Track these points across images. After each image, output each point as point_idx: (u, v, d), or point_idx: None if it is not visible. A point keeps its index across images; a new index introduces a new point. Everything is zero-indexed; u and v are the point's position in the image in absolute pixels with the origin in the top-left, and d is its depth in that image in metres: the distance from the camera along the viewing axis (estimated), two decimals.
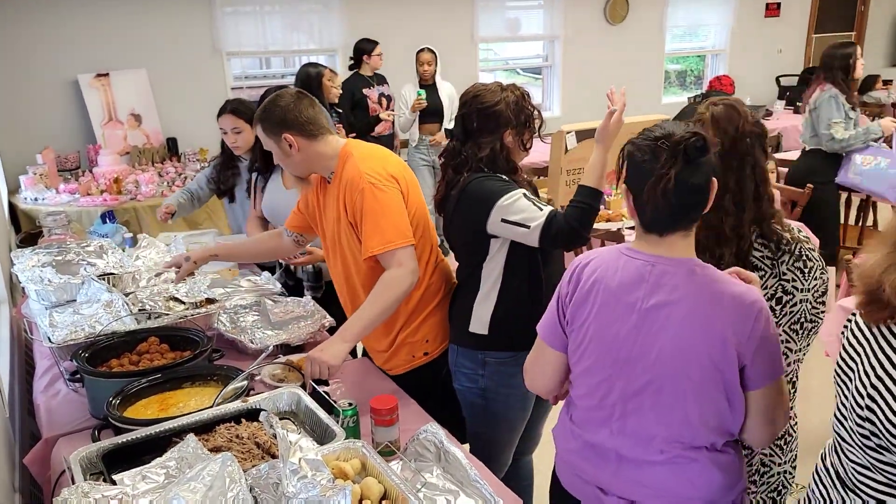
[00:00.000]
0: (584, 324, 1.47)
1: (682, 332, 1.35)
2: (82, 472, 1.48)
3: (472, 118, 1.97)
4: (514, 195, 1.89)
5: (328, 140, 2.08)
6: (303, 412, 1.74)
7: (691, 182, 1.33)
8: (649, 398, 1.39)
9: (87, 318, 2.14)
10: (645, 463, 1.43)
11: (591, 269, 1.48)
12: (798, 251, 1.63)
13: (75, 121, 5.59)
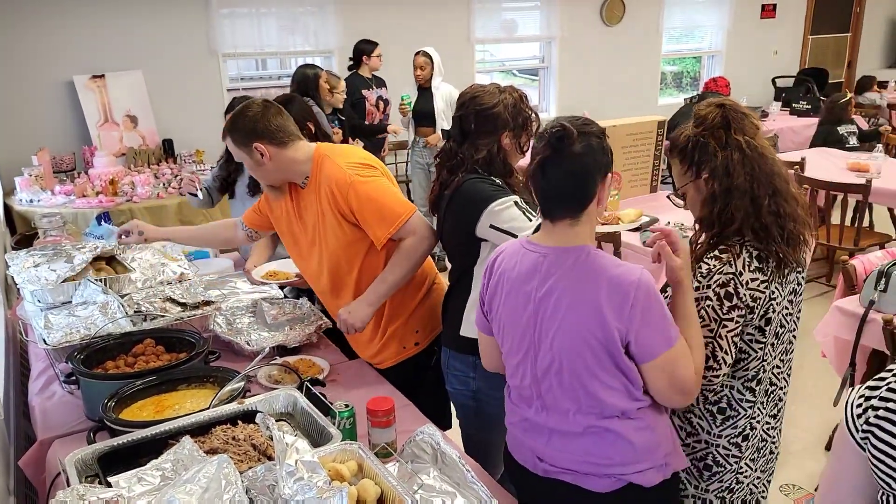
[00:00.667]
0: (497, 312, 1.61)
1: (569, 317, 1.46)
2: (78, 475, 1.47)
3: (469, 119, 1.96)
4: (506, 202, 1.88)
5: (299, 146, 2.11)
6: (299, 414, 1.74)
7: (561, 169, 1.45)
8: (555, 378, 1.51)
9: (82, 319, 2.13)
10: (570, 434, 1.53)
11: (499, 262, 1.62)
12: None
13: (71, 122, 5.58)
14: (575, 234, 1.49)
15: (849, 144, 5.73)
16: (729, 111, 1.61)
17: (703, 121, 1.63)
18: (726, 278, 1.54)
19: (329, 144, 2.21)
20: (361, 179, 2.03)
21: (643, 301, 1.41)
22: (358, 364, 2.28)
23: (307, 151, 2.12)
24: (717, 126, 1.61)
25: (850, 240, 4.52)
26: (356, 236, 2.10)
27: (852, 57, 9.94)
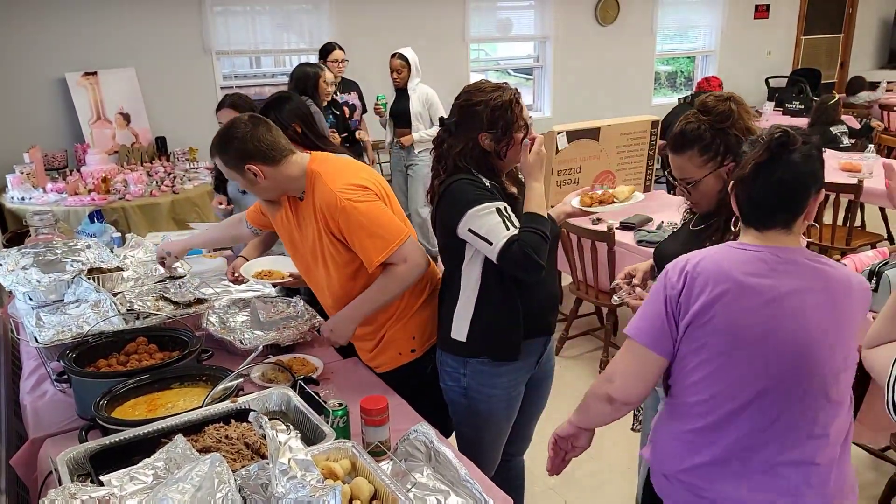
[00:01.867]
0: (709, 322, 1.38)
1: (823, 317, 1.37)
2: (69, 473, 1.46)
3: (454, 111, 1.98)
4: (488, 208, 1.87)
5: (292, 161, 2.05)
6: (292, 412, 1.73)
7: (776, 176, 1.36)
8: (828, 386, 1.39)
9: (74, 318, 2.12)
10: (838, 461, 1.41)
11: (707, 265, 1.41)
12: None
13: (63, 119, 5.55)
14: (788, 242, 1.40)
15: (843, 144, 5.76)
16: (737, 103, 1.74)
17: (714, 111, 1.73)
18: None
19: (322, 158, 2.13)
20: (352, 204, 1.97)
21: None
22: (352, 363, 2.28)
23: (301, 165, 2.06)
24: (729, 116, 1.72)
25: (841, 239, 4.54)
26: (351, 256, 2.06)
27: (845, 57, 9.98)
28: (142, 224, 4.58)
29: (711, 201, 1.79)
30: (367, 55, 5.89)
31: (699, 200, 1.82)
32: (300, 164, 2.07)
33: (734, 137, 1.71)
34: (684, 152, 1.77)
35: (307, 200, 2.08)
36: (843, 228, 4.58)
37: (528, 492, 2.56)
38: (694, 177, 1.77)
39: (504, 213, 1.87)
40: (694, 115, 1.77)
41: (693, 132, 1.75)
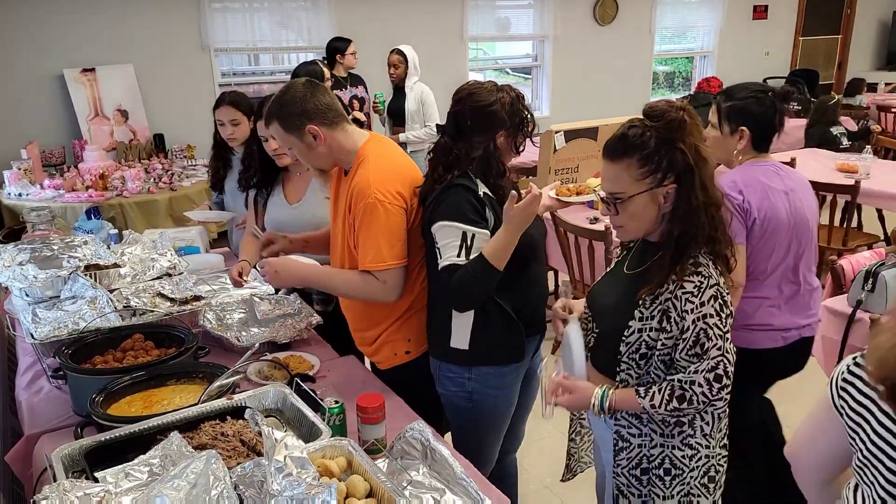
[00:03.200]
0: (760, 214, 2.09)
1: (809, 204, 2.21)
2: (64, 470, 1.46)
3: (465, 116, 1.92)
4: (460, 228, 1.84)
5: (348, 131, 2.03)
6: (288, 410, 1.73)
7: (777, 116, 2.21)
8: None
9: (70, 314, 2.11)
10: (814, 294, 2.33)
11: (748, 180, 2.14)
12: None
13: (61, 116, 5.54)
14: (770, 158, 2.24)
15: (843, 145, 5.78)
16: (691, 115, 1.51)
17: (664, 117, 1.50)
18: (714, 291, 1.52)
19: (379, 146, 2.07)
20: (380, 205, 1.93)
21: None
22: (348, 361, 2.28)
23: (355, 141, 2.03)
24: (680, 127, 1.50)
25: (838, 240, 4.54)
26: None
27: (843, 58, 10.00)
28: (139, 221, 4.57)
29: (639, 228, 1.59)
30: (365, 54, 5.88)
31: (625, 224, 1.59)
32: (355, 138, 2.04)
33: (680, 154, 1.49)
34: (622, 159, 1.53)
35: (348, 179, 2.05)
36: (840, 229, 4.58)
37: (524, 490, 2.56)
38: (626, 192, 1.53)
39: (468, 241, 1.85)
40: (640, 119, 1.54)
41: (636, 137, 1.51)
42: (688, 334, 1.51)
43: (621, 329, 1.59)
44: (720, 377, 1.51)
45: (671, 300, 1.52)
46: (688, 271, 1.51)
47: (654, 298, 1.54)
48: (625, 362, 1.61)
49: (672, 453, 1.63)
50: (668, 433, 1.63)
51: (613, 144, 1.55)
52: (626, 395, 1.60)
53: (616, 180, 1.54)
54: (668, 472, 1.64)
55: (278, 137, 2.04)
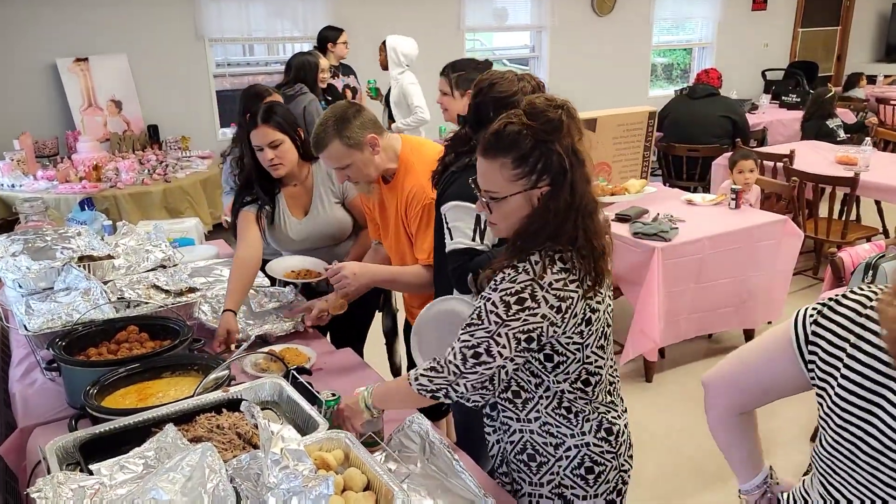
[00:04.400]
0: None
1: None
2: (58, 462, 1.44)
3: (487, 107, 1.88)
4: (473, 209, 1.80)
5: (388, 137, 2.15)
6: (285, 402, 1.71)
7: None
8: None
9: (64, 306, 2.09)
10: None
11: None
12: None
13: (54, 106, 5.50)
14: None
15: (840, 138, 5.77)
16: (570, 115, 1.42)
17: (542, 116, 1.39)
18: (518, 286, 1.40)
19: (416, 146, 2.21)
20: (432, 206, 2.06)
21: None
22: (345, 353, 2.26)
23: (395, 147, 2.17)
24: (558, 128, 1.40)
25: (837, 233, 4.54)
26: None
27: (842, 50, 9.98)
28: (133, 212, 4.54)
29: (511, 227, 1.47)
30: (359, 43, 5.84)
31: (499, 222, 1.48)
32: (394, 144, 2.17)
33: (556, 157, 1.39)
34: (496, 158, 1.41)
35: (394, 185, 2.17)
36: (839, 222, 4.58)
37: None
38: (500, 191, 1.43)
39: (482, 224, 1.84)
40: (518, 115, 1.42)
41: (511, 136, 1.40)
42: (472, 311, 1.46)
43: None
44: (478, 354, 1.43)
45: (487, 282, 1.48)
46: (509, 262, 1.43)
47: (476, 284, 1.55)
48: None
49: (532, 439, 1.56)
50: (524, 418, 1.55)
51: (488, 141, 1.43)
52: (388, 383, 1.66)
53: (489, 178, 1.44)
54: (533, 458, 1.58)
55: (336, 158, 2.08)
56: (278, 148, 2.37)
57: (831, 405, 1.13)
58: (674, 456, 3.05)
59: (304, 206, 2.54)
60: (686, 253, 3.43)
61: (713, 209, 3.96)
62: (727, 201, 3.95)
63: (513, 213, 1.45)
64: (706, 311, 3.62)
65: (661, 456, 3.02)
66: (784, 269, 3.82)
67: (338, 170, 2.13)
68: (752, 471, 1.39)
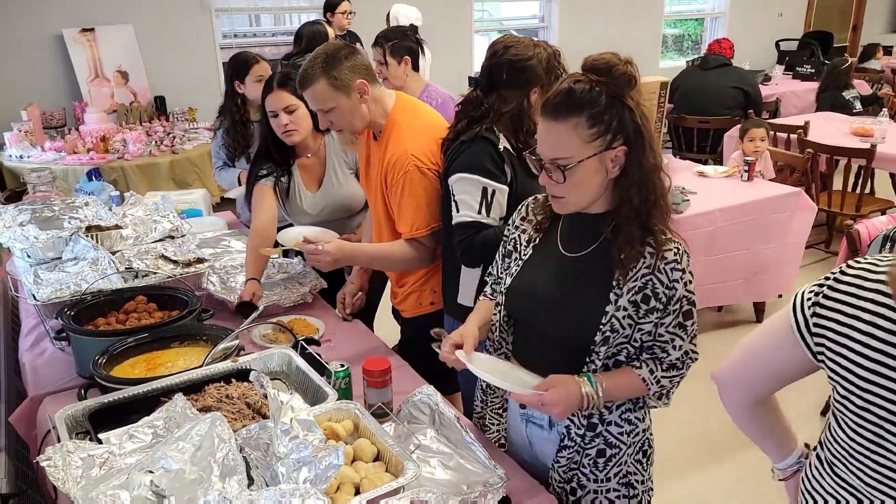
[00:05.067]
0: None
1: None
2: (68, 431, 1.44)
3: (500, 70, 1.85)
4: (481, 182, 1.80)
5: (380, 90, 2.01)
6: (294, 373, 1.71)
7: None
8: None
9: (72, 275, 2.08)
10: None
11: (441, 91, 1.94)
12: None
13: (60, 77, 5.45)
14: None
15: (855, 109, 5.67)
16: (635, 69, 1.31)
17: (614, 71, 1.29)
18: (687, 257, 1.38)
19: (408, 107, 2.06)
20: (418, 172, 1.94)
21: None
22: (353, 325, 2.25)
23: (386, 104, 2.02)
24: (631, 82, 1.30)
25: (851, 206, 4.48)
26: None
27: (857, 20, 9.77)
28: (141, 184, 4.53)
29: (583, 199, 1.35)
30: (367, 12, 5.75)
31: (568, 194, 1.34)
32: (386, 101, 2.02)
33: (629, 113, 1.29)
34: (569, 118, 1.28)
35: (380, 144, 2.04)
36: (853, 195, 4.51)
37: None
38: (573, 156, 1.29)
39: (488, 197, 1.82)
40: (581, 75, 1.32)
41: (584, 94, 1.28)
42: (676, 306, 1.37)
43: (591, 320, 1.38)
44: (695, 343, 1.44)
45: (652, 275, 1.35)
46: (662, 240, 1.35)
47: (626, 278, 1.35)
48: (595, 353, 1.40)
49: (608, 431, 1.49)
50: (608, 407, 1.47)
51: (558, 101, 1.30)
52: (615, 374, 1.42)
53: (561, 143, 1.30)
54: (603, 453, 1.50)
55: (320, 99, 1.92)
56: (294, 114, 2.32)
57: (848, 387, 1.07)
58: (685, 428, 3.05)
59: (317, 178, 2.51)
60: (697, 225, 3.39)
61: (725, 181, 3.91)
62: (739, 173, 3.89)
63: (586, 180, 1.32)
64: (717, 283, 3.59)
65: (671, 428, 3.02)
66: (796, 241, 3.78)
67: (321, 112, 1.97)
68: (785, 451, 1.35)
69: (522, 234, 1.53)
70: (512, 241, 1.56)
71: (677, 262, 1.35)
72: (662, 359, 1.41)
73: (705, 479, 2.78)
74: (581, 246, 1.43)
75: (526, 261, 1.51)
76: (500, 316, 1.55)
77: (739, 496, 2.69)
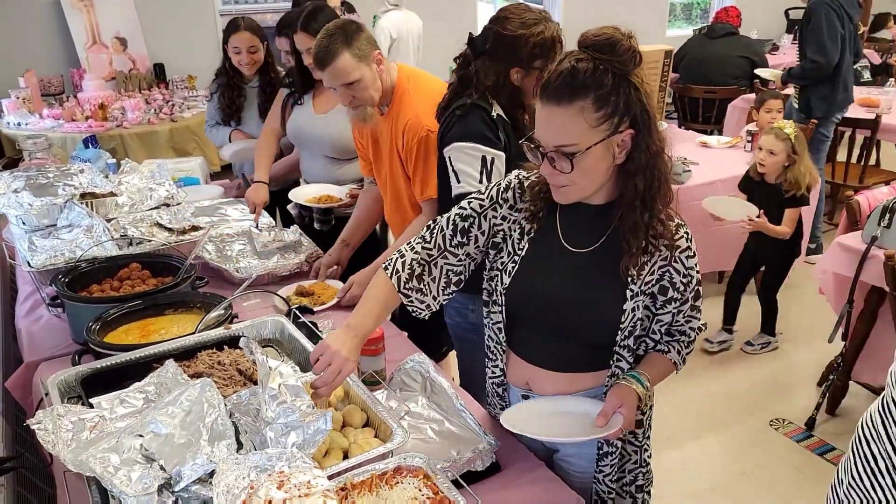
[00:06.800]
0: None
1: None
2: (60, 396, 1.45)
3: (487, 37, 1.80)
4: (479, 150, 1.76)
5: (386, 61, 2.04)
6: (287, 340, 1.71)
7: None
8: None
9: (66, 242, 2.08)
10: None
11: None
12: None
13: (58, 43, 5.40)
14: None
15: (863, 79, 5.57)
16: (637, 44, 1.21)
17: (618, 47, 1.18)
18: (691, 237, 1.34)
19: (412, 75, 2.08)
20: (433, 139, 1.95)
21: None
22: None
23: (393, 74, 2.05)
24: (634, 58, 1.20)
25: (855, 177, 4.44)
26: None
27: None
28: (140, 152, 4.51)
29: (590, 186, 1.26)
30: None
31: (574, 183, 1.24)
32: (392, 72, 2.05)
33: (635, 92, 1.20)
34: (573, 101, 1.17)
35: (389, 116, 2.05)
36: (857, 166, 4.46)
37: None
38: (580, 143, 1.19)
39: (488, 165, 1.77)
40: (579, 53, 1.21)
41: (589, 74, 1.17)
42: (692, 293, 1.35)
43: (610, 319, 1.33)
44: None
45: (669, 265, 1.31)
46: (672, 227, 1.29)
47: (639, 269, 1.30)
48: (620, 350, 1.36)
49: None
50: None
51: (559, 84, 1.18)
52: (651, 365, 1.41)
53: (566, 129, 1.19)
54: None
55: (344, 72, 1.91)
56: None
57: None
58: (676, 399, 3.06)
59: (327, 106, 2.64)
60: (699, 195, 3.36)
61: (728, 152, 3.87)
62: (742, 144, 3.85)
63: (595, 166, 1.22)
64: (717, 251, 3.55)
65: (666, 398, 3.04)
66: None
67: (343, 87, 1.95)
68: None
69: (514, 224, 1.39)
70: (500, 232, 1.41)
71: (690, 248, 1.32)
72: (683, 340, 1.43)
73: (699, 446, 2.80)
74: (587, 240, 1.34)
75: (524, 257, 1.38)
76: (503, 316, 1.44)
77: (732, 462, 2.71)
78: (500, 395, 1.55)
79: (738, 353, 3.40)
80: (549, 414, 1.40)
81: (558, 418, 1.38)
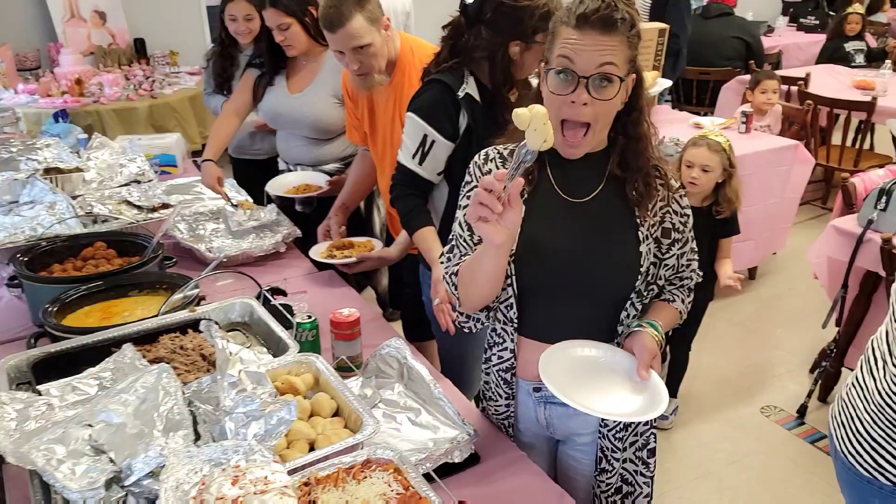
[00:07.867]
0: None
1: None
2: (9, 382, 1.36)
3: (488, 5, 1.66)
4: (423, 127, 1.70)
5: (392, 30, 1.99)
6: (256, 324, 1.62)
7: None
8: None
9: (27, 219, 1.98)
10: None
11: None
12: None
13: (34, 16, 5.22)
14: None
15: (854, 63, 5.49)
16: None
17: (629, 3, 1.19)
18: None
19: (414, 42, 2.04)
20: None
21: None
22: (329, 275, 2.16)
23: (396, 40, 2.00)
24: (637, 14, 1.22)
25: (849, 161, 4.36)
26: None
27: None
28: (117, 129, 4.37)
29: (604, 128, 1.26)
30: None
31: (596, 121, 1.21)
32: (395, 40, 2.00)
33: (637, 41, 1.21)
34: (618, 32, 1.16)
35: (391, 85, 2.00)
36: (852, 150, 4.39)
37: None
38: (621, 70, 1.18)
39: (426, 146, 1.73)
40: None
41: (626, 12, 1.17)
42: (690, 232, 1.37)
43: (628, 265, 1.29)
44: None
45: (668, 207, 1.32)
46: (665, 169, 1.32)
47: (643, 211, 1.29)
48: (633, 301, 1.33)
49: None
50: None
51: (606, 14, 1.15)
52: (659, 313, 1.39)
53: (614, 53, 1.16)
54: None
55: (357, 36, 1.84)
56: (287, 31, 2.34)
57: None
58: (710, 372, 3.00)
59: (301, 85, 2.52)
60: None
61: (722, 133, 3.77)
62: (737, 125, 3.76)
63: (616, 103, 1.22)
64: None
65: None
66: (792, 196, 3.68)
67: (353, 51, 1.87)
68: None
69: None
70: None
71: (681, 190, 1.35)
72: (684, 286, 1.44)
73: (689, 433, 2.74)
74: (585, 189, 1.30)
75: (525, 218, 1.19)
76: (514, 290, 1.33)
77: (722, 450, 2.65)
78: (508, 380, 1.41)
79: (729, 339, 3.34)
80: (585, 368, 1.30)
81: (597, 376, 1.29)
